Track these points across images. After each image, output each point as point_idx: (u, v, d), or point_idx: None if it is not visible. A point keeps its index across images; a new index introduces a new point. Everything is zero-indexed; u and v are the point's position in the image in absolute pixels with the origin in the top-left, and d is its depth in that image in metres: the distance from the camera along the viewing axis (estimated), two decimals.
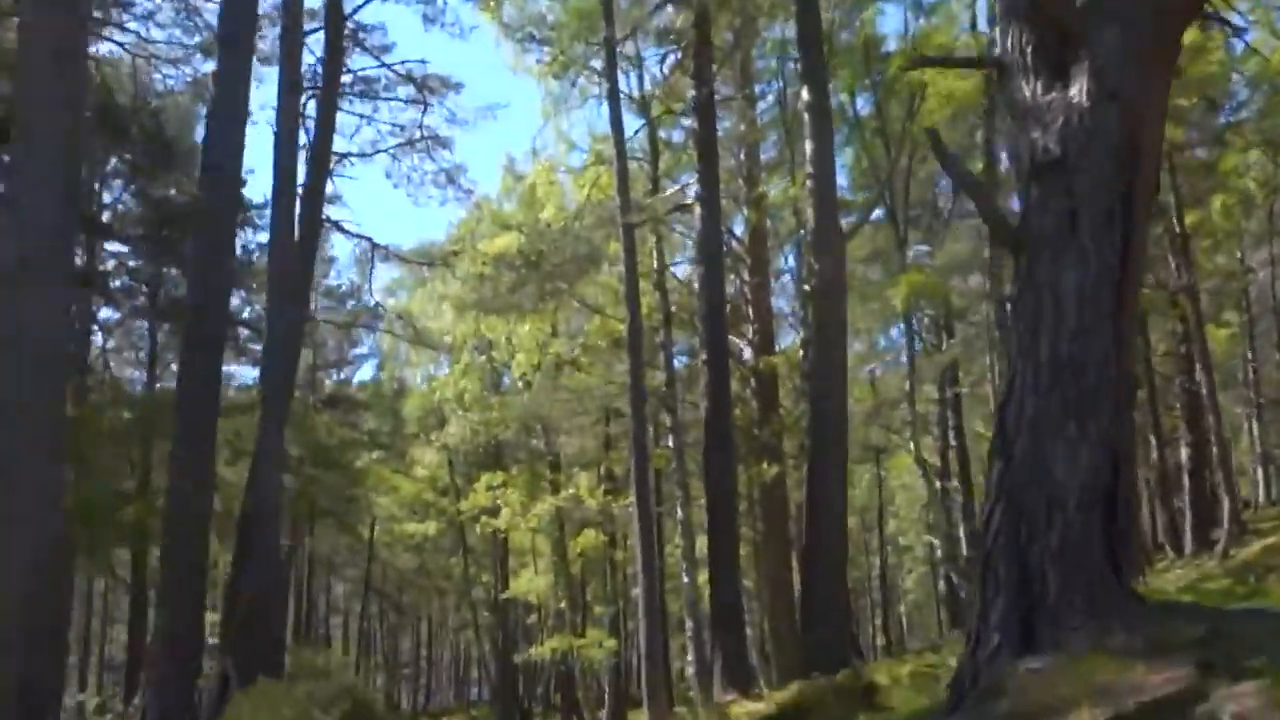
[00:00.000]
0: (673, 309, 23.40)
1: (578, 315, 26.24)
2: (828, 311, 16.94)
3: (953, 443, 31.20)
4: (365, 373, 49.03)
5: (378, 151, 23.43)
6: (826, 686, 14.08)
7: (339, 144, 23.31)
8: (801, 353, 20.93)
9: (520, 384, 30.18)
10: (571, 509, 33.17)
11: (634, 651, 59.79)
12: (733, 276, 24.98)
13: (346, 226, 23.06)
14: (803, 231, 19.52)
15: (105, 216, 30.06)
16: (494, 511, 31.37)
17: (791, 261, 31.14)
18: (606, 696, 35.70)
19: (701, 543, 24.33)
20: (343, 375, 47.27)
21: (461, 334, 33.17)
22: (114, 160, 27.39)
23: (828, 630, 15.97)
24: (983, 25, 22.81)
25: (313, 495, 45.00)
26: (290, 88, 17.96)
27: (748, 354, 25.16)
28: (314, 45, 20.36)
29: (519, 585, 35.32)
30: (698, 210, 18.93)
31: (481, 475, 32.12)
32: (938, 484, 27.81)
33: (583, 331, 26.05)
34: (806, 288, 20.61)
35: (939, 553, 31.12)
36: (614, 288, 23.47)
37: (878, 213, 24.92)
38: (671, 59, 22.51)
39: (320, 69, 20.18)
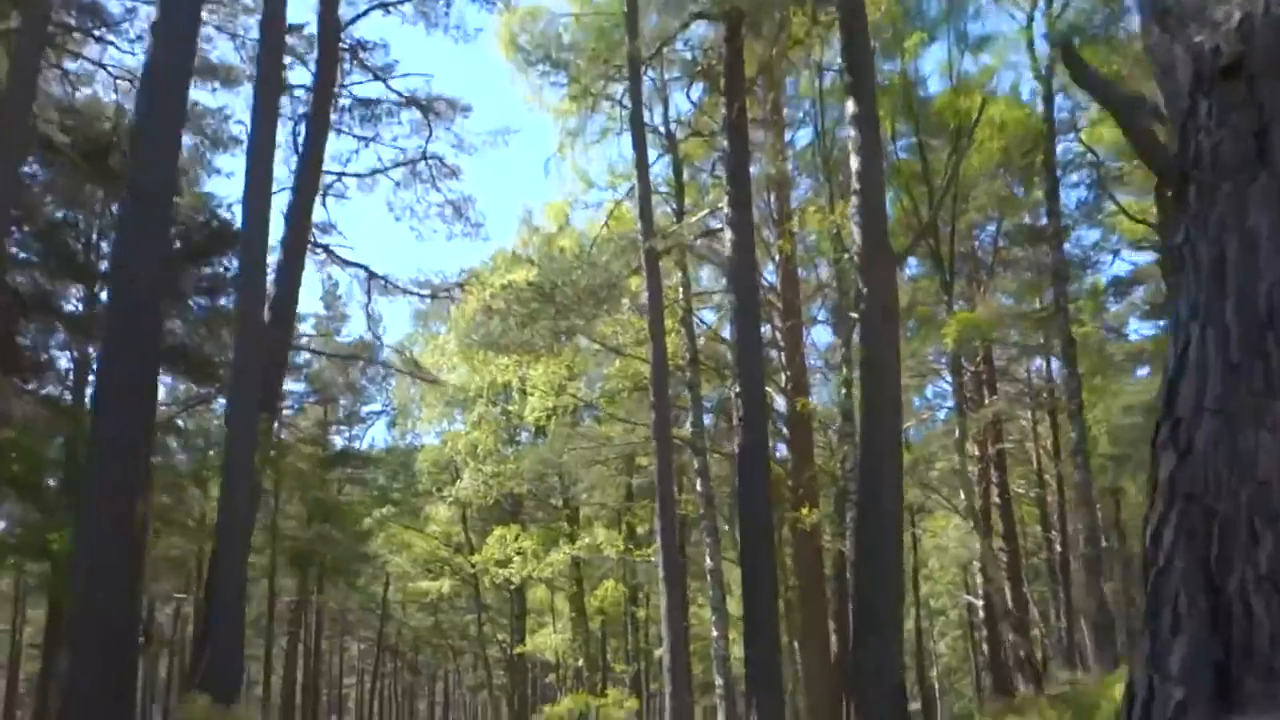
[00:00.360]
0: (700, 354, 21.98)
1: (596, 358, 24.85)
2: (879, 336, 15.50)
3: (996, 500, 29.81)
4: (378, 431, 47.69)
5: (376, 173, 22.12)
6: None
7: (334, 167, 22.15)
8: (844, 390, 19.46)
9: (534, 432, 28.75)
10: (590, 561, 31.66)
11: (656, 714, 58.05)
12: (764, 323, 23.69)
13: (340, 253, 21.50)
14: (848, 255, 18.08)
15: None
16: (507, 563, 29.93)
17: (823, 315, 29.96)
18: None
19: (732, 600, 22.79)
20: (354, 432, 46.06)
21: (476, 386, 31.90)
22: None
23: (881, 694, 14.38)
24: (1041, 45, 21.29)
25: (323, 554, 43.60)
26: (267, 85, 16.33)
27: (780, 403, 23.79)
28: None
29: (535, 642, 33.66)
30: (728, 236, 17.57)
31: (495, 529, 30.64)
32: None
33: (601, 376, 24.65)
34: (853, 314, 19.17)
35: (980, 613, 29.42)
36: (636, 326, 22.12)
37: (913, 266, 23.64)
38: (699, 90, 21.34)
39: (313, 86, 18.94)
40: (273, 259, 18.79)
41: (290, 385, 42.99)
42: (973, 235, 30.50)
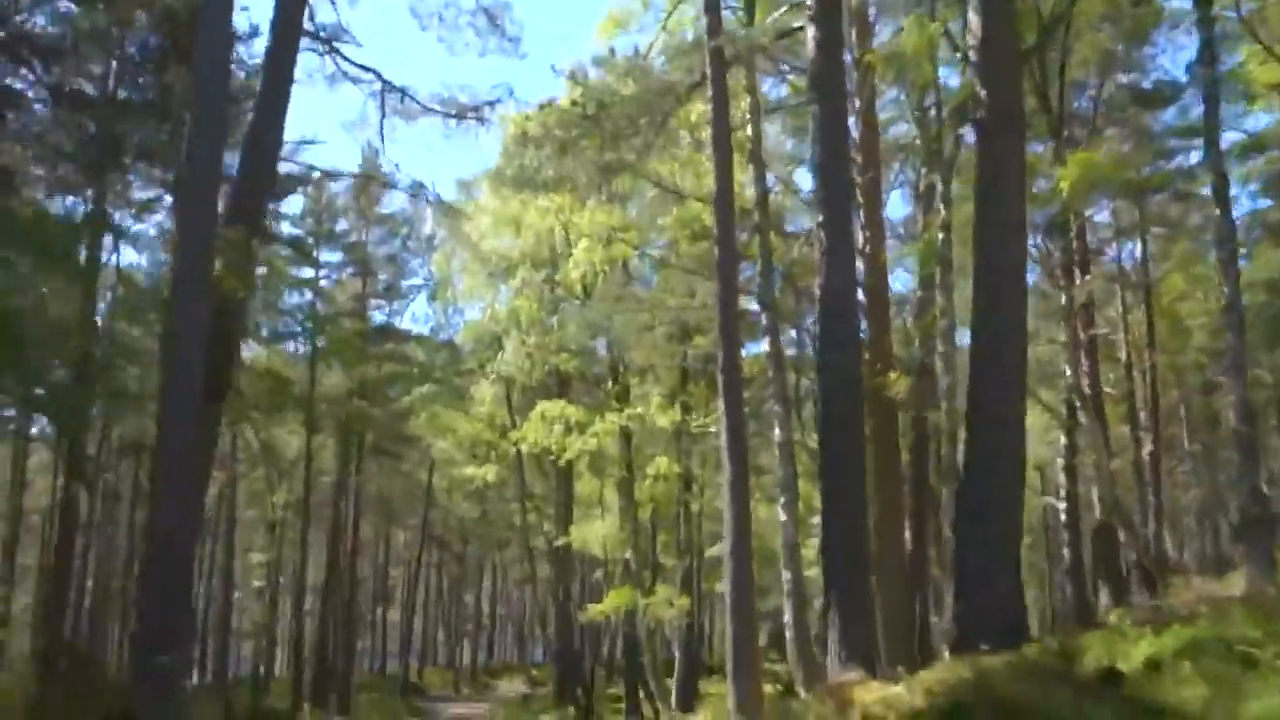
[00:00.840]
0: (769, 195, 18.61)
1: (650, 206, 21.49)
2: (1000, 147, 12.19)
3: (1086, 389, 26.53)
4: (419, 306, 44.89)
5: None
6: (1022, 665, 9.53)
7: None
8: (942, 235, 16.09)
9: (581, 294, 25.69)
10: (641, 448, 28.86)
11: (707, 613, 55.89)
12: None
13: (349, 54, 17.74)
14: (961, 55, 14.54)
15: None
16: (551, 438, 27.26)
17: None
18: (677, 663, 31.32)
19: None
20: (394, 307, 43.37)
21: (520, 252, 28.89)
22: None
23: (988, 602, 11.35)
24: None
25: (361, 430, 41.24)
26: None
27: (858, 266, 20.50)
28: None
29: (580, 533, 31.05)
30: (810, 36, 14.16)
31: (539, 404, 27.82)
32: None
33: (656, 227, 21.36)
34: (963, 131, 15.76)
35: (1062, 516, 26.29)
36: (696, 163, 18.89)
37: None
38: None
39: None
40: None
41: (326, 255, 40.34)
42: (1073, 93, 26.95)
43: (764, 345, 16.67)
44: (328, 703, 39.40)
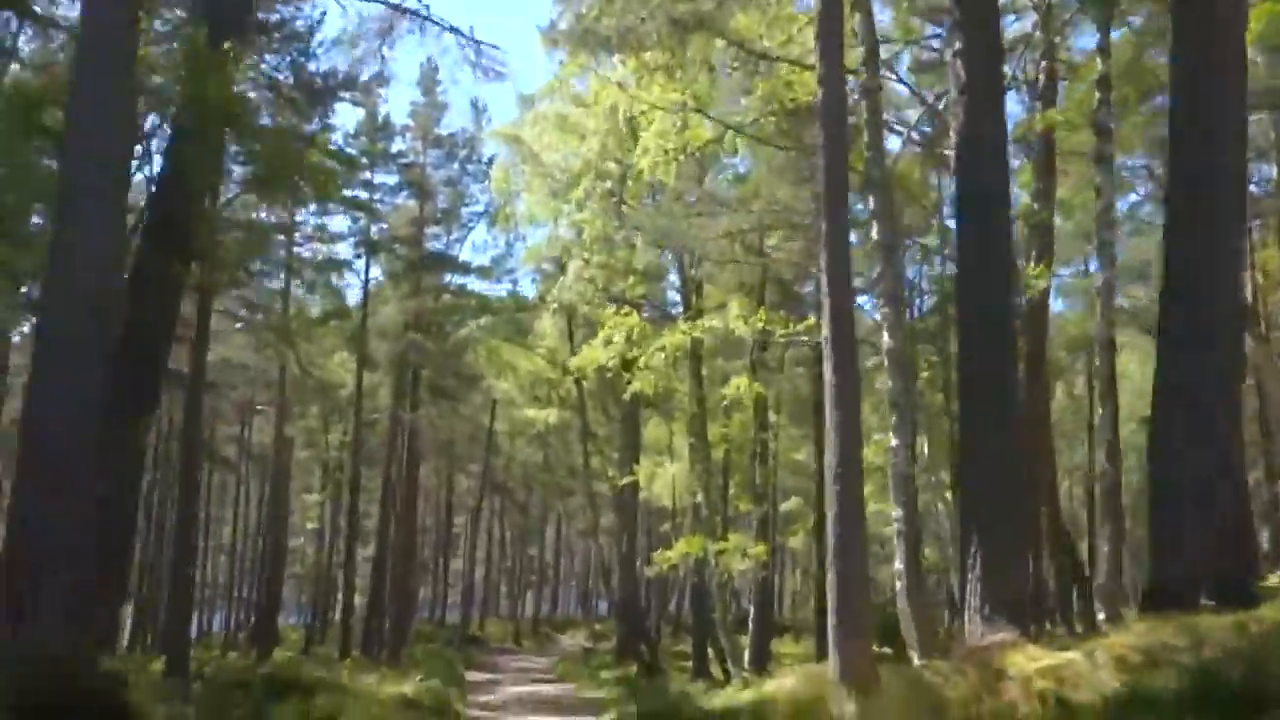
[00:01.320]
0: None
1: (732, 77, 18.18)
2: None
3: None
4: (479, 235, 41.99)
5: None
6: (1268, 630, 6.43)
7: None
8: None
9: (649, 194, 22.63)
10: (713, 366, 25.84)
11: (778, 571, 52.88)
12: None
13: None
14: None
15: None
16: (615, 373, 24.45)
17: None
18: (751, 619, 28.35)
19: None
20: (454, 235, 40.52)
21: (584, 162, 25.87)
22: None
23: (1201, 528, 8.20)
24: None
25: (417, 363, 38.68)
26: None
27: None
28: None
29: (645, 475, 28.23)
30: None
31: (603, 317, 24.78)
32: None
33: (741, 107, 18.09)
34: None
35: None
36: (787, 20, 15.62)
37: None
38: None
39: None
40: None
41: (382, 176, 37.71)
42: None
43: (873, 233, 13.44)
44: (378, 651, 37.20)
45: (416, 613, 60.55)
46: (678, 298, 28.55)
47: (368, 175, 35.99)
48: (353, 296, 38.99)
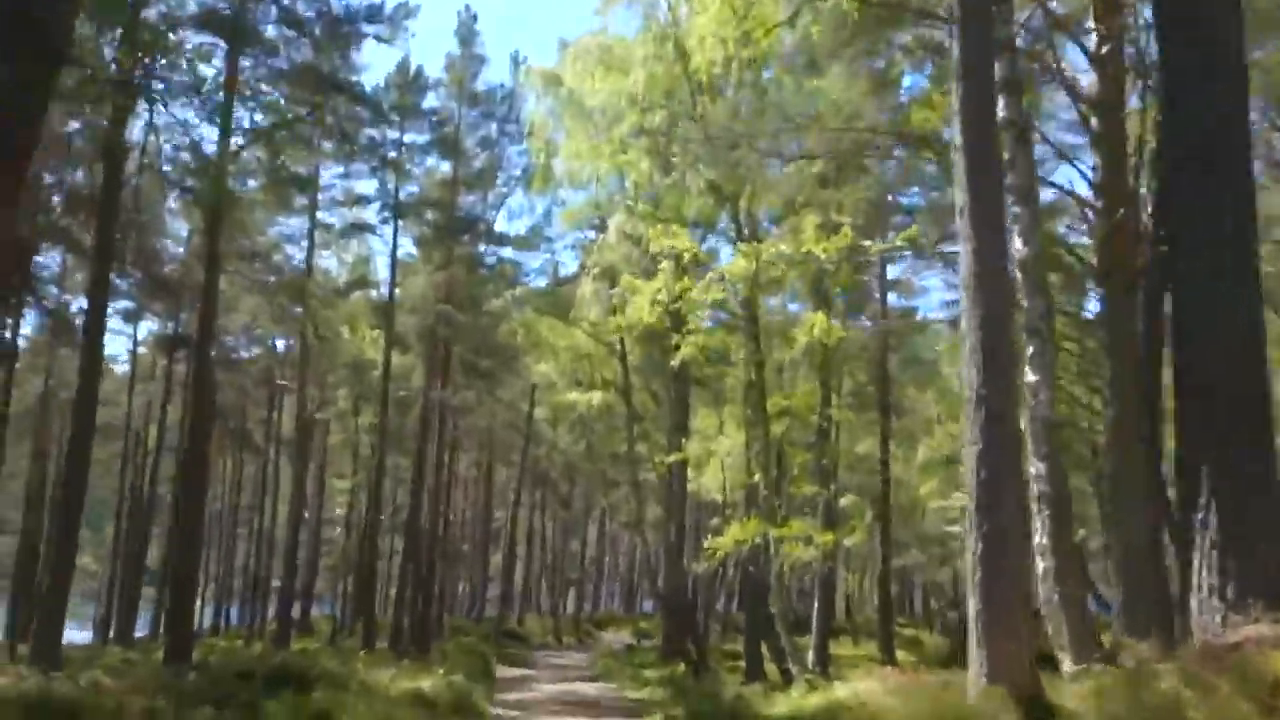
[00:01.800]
0: None
1: None
2: None
3: None
4: (516, 201, 39.20)
5: None
6: None
7: None
8: None
9: (704, 107, 19.71)
10: (775, 343, 22.95)
11: (856, 561, 49.72)
12: None
13: None
14: None
15: None
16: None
17: None
18: (815, 616, 25.35)
19: None
20: (489, 200, 37.70)
21: (629, 95, 23.07)
22: None
23: None
24: None
25: (447, 336, 36.00)
26: None
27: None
28: None
29: (693, 449, 25.37)
30: None
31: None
32: None
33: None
34: None
35: None
36: None
37: None
38: None
39: None
40: None
41: (412, 135, 35.12)
42: None
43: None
44: (405, 644, 34.65)
45: (451, 606, 58.34)
46: (731, 253, 25.74)
47: (396, 134, 33.40)
48: (381, 271, 36.66)
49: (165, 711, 16.14)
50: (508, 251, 37.47)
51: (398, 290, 35.60)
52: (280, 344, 45.22)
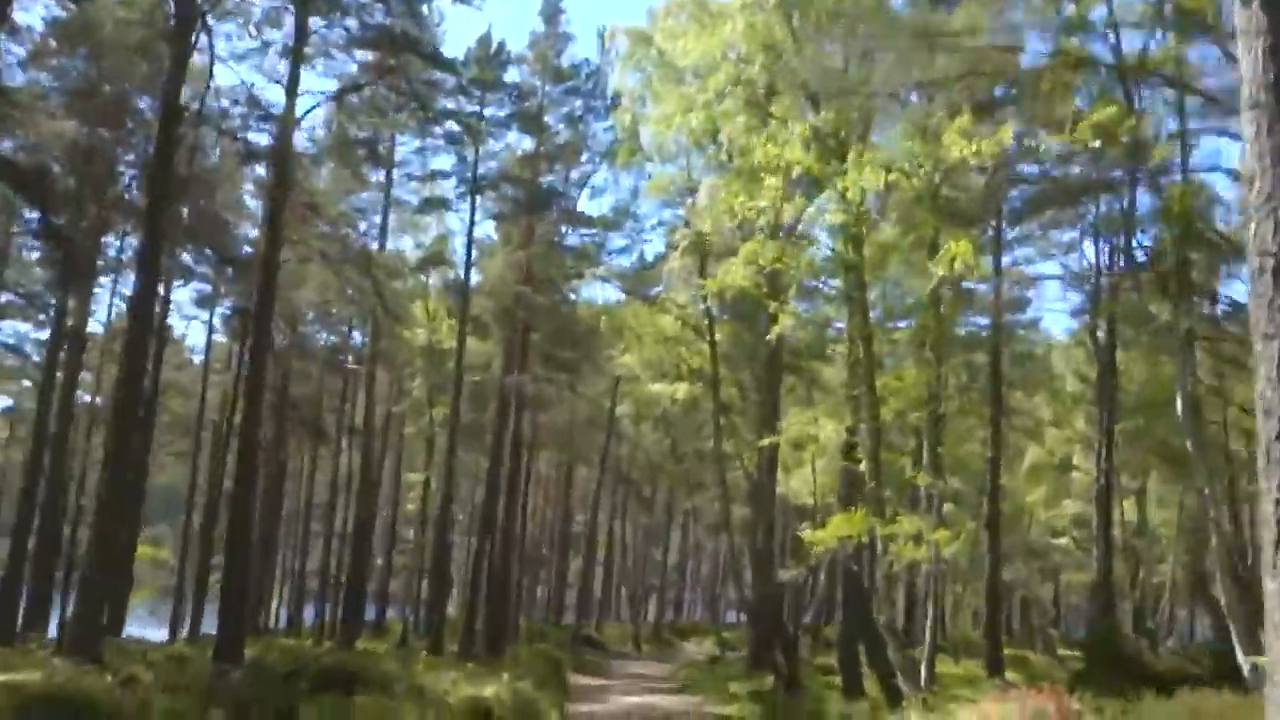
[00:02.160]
0: None
1: None
2: None
3: None
4: (599, 180, 36.95)
5: None
6: None
7: None
8: None
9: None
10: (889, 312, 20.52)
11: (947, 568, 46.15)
12: None
13: None
14: None
15: None
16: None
17: None
18: (927, 627, 22.54)
19: None
20: (570, 179, 35.44)
21: (723, 44, 20.70)
22: None
23: None
24: None
25: (521, 317, 33.85)
26: None
27: None
28: None
29: (787, 432, 22.85)
30: None
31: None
32: None
33: None
34: None
35: None
36: None
37: None
38: None
39: None
40: None
41: (493, 111, 33.09)
42: None
43: None
44: (473, 648, 32.62)
45: (529, 610, 56.37)
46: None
47: (475, 106, 31.39)
48: (457, 251, 34.72)
49: (188, 713, 14.40)
50: (591, 233, 35.19)
51: (474, 272, 33.67)
52: (357, 336, 43.78)
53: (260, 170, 26.19)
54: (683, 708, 23.99)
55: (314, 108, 24.07)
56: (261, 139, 24.51)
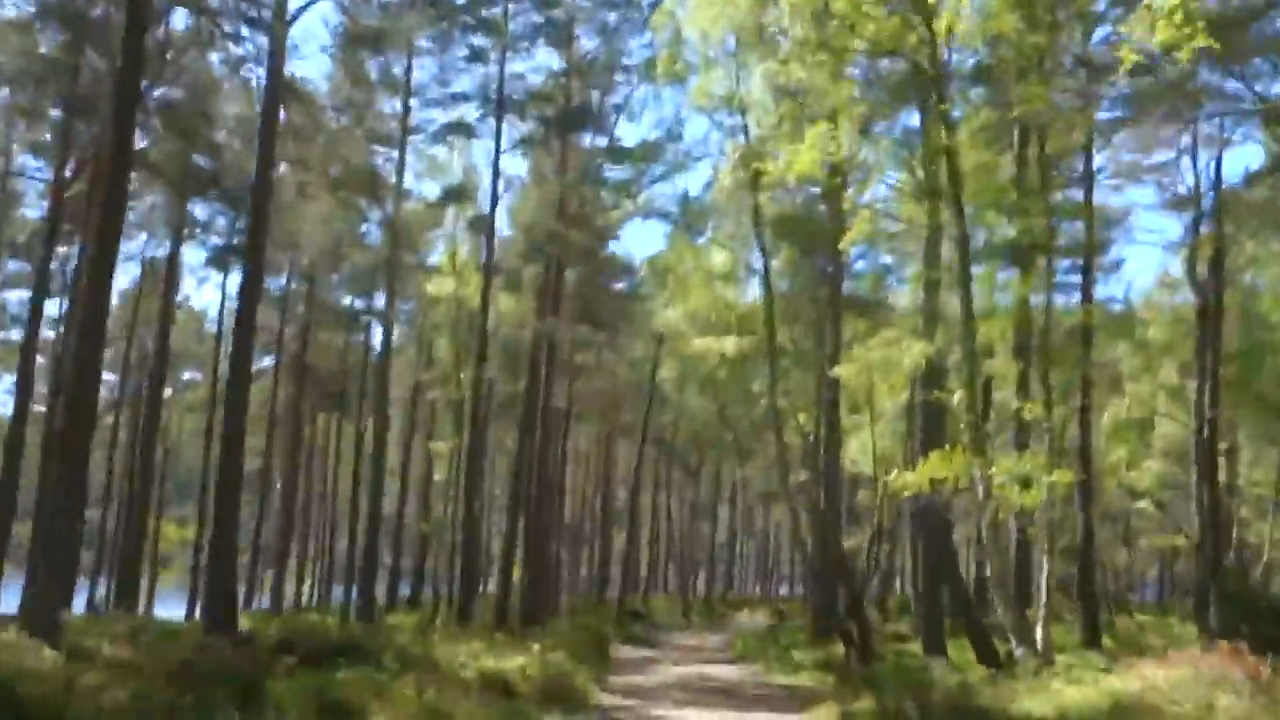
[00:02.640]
0: None
1: None
2: None
3: None
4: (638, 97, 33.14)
5: None
6: None
7: None
8: None
9: None
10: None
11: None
12: None
13: None
14: None
15: None
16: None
17: None
18: (1043, 584, 18.67)
19: None
20: (608, 100, 31.63)
21: None
22: None
23: None
24: None
25: (553, 255, 30.43)
26: None
27: None
28: None
29: (868, 355, 19.46)
30: None
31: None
32: None
33: None
34: None
35: None
36: None
37: None
38: None
39: None
40: None
41: (516, 23, 29.63)
42: None
43: None
44: (509, 621, 29.56)
45: (567, 586, 53.42)
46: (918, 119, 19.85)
47: (496, 10, 27.97)
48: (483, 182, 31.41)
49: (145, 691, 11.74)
50: (628, 166, 31.50)
51: (503, 211, 30.35)
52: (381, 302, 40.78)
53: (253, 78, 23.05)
54: (741, 678, 21.00)
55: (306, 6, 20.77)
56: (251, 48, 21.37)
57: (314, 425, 52.49)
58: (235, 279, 37.46)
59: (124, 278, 42.05)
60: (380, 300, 33.78)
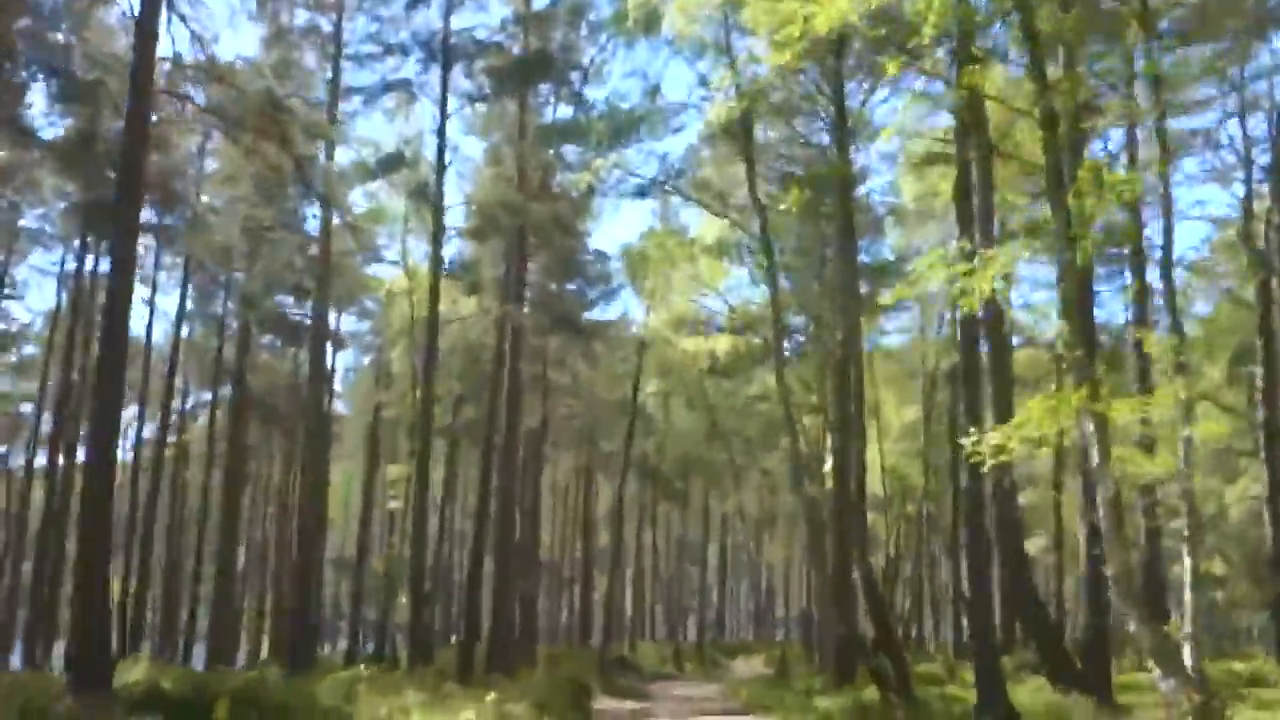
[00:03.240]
0: None
1: None
2: None
3: None
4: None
5: None
6: None
7: None
8: None
9: None
10: None
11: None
12: None
13: None
14: None
15: None
16: None
17: None
18: (1187, 583, 13.69)
19: None
20: (569, 52, 27.06)
21: None
22: None
23: None
24: None
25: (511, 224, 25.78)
26: None
27: None
28: None
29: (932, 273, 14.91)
30: None
31: None
32: None
33: None
34: None
35: None
36: None
37: None
38: None
39: None
40: None
41: None
42: None
43: None
44: (471, 672, 24.79)
45: (545, 635, 48.80)
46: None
47: None
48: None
49: None
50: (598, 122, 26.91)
51: (452, 183, 25.86)
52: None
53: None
54: None
55: None
56: None
57: (271, 458, 48.16)
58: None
59: None
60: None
